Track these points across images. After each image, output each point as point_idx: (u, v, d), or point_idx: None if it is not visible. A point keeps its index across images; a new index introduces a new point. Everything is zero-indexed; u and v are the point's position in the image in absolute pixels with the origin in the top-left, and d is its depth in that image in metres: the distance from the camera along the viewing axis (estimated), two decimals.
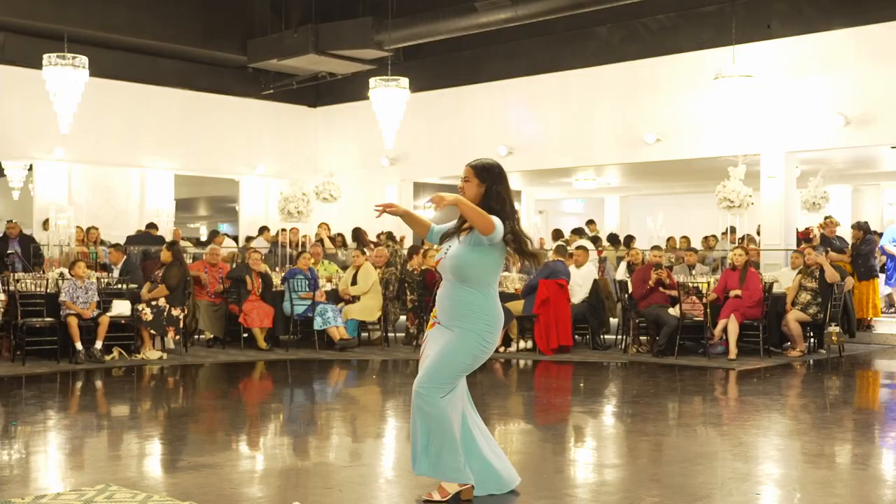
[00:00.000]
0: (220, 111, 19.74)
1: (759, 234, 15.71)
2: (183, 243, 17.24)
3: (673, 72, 16.18)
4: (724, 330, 11.74)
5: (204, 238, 25.76)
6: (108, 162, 18.40)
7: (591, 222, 19.86)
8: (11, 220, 15.23)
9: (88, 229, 15.87)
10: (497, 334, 4.81)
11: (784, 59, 15.15)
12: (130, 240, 15.29)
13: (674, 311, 11.90)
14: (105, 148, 18.16)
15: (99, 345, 10.96)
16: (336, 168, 19.58)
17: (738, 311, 11.66)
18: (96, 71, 17.41)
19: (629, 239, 17.41)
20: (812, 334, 12.49)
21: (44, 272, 12.04)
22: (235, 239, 20.43)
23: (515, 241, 4.72)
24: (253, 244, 17.67)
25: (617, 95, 16.85)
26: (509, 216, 4.73)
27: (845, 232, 15.92)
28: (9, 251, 13.91)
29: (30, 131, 16.87)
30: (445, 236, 4.89)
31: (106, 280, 12.11)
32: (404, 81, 15.92)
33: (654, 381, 10.12)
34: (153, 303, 11.52)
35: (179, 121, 19.16)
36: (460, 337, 4.70)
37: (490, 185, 4.76)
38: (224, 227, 29.51)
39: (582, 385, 10.19)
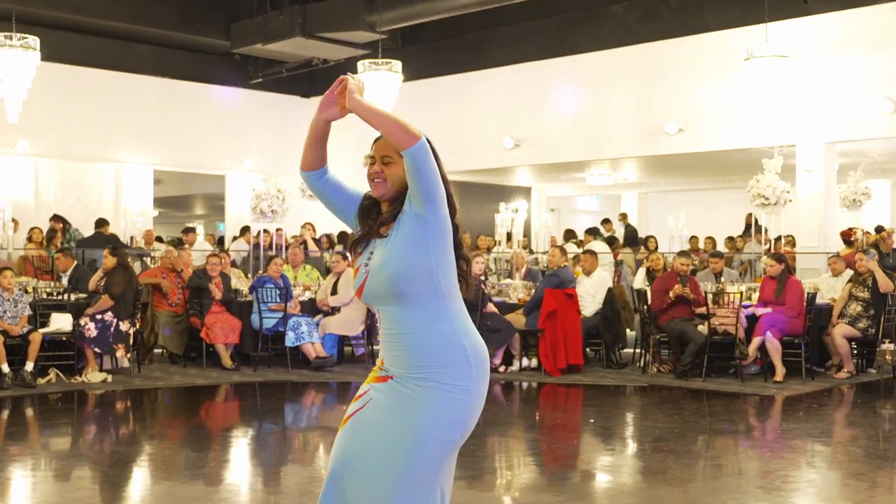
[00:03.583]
0: (203, 101, 18.20)
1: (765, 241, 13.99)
2: (160, 245, 15.71)
3: (697, 54, 14.53)
4: (759, 349, 10.12)
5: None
6: (78, 156, 16.88)
7: (606, 221, 18.22)
8: None
9: (51, 231, 14.35)
10: (483, 371, 3.02)
11: (823, 37, 13.49)
12: (81, 243, 13.75)
13: (702, 327, 10.26)
14: (75, 141, 16.66)
15: (30, 366, 9.41)
16: (330, 162, 18.04)
17: (774, 327, 10.01)
18: (64, 57, 15.99)
19: (648, 239, 15.76)
20: (861, 351, 10.83)
21: None
22: (221, 240, 18.96)
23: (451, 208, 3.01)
24: (233, 246, 16.17)
25: (635, 81, 15.22)
26: (454, 207, 3.03)
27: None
28: None
29: None
30: (357, 244, 3.12)
31: (48, 290, 10.60)
32: (397, 65, 14.32)
33: (678, 413, 8.48)
34: (98, 316, 9.97)
35: (158, 112, 17.63)
36: (429, 398, 2.92)
37: None
38: (223, 227, 28.06)
39: (592, 420, 8.55)
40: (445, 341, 2.93)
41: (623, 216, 18.66)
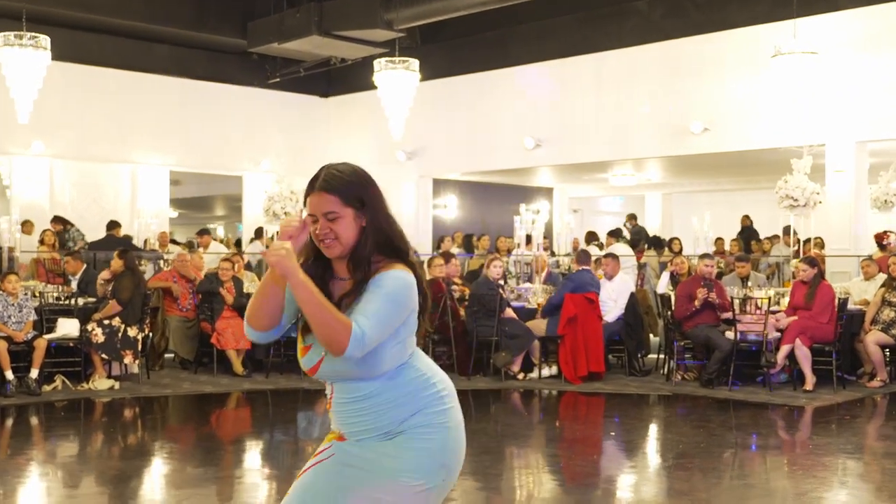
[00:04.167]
0: (220, 101, 17.97)
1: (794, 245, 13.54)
2: (174, 247, 15.46)
3: (723, 50, 14.12)
4: (788, 357, 9.73)
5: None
6: (94, 157, 16.66)
7: (632, 217, 17.81)
8: None
9: (63, 233, 14.15)
10: (456, 401, 2.73)
11: (853, 33, 13.05)
12: (93, 246, 13.53)
13: (729, 333, 9.87)
14: (91, 142, 16.46)
15: (34, 373, 9.16)
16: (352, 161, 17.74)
17: (804, 334, 9.62)
18: (79, 57, 15.82)
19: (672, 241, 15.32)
20: (895, 358, 10.41)
21: None
22: (238, 242, 18.72)
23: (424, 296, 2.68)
24: (249, 248, 15.92)
25: (659, 79, 14.82)
26: (408, 249, 2.68)
27: None
28: None
29: (3, 123, 15.05)
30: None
31: (56, 294, 10.36)
32: (414, 64, 14.00)
33: (704, 426, 8.11)
34: (105, 322, 9.72)
35: (175, 112, 17.40)
36: (403, 445, 2.60)
37: (374, 206, 2.64)
38: (242, 228, 27.86)
39: (613, 433, 8.21)
40: (414, 389, 2.64)
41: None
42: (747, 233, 16.42)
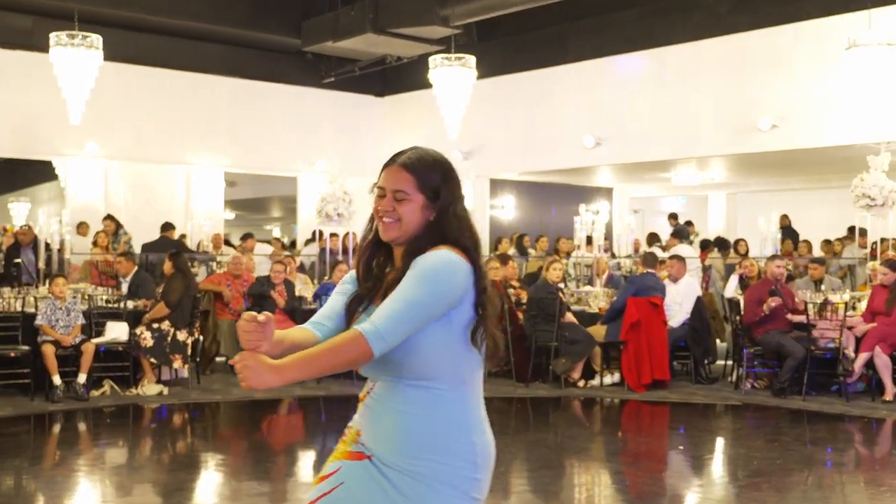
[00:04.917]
0: (274, 101, 17.76)
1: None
2: (228, 249, 15.29)
3: (794, 43, 13.51)
4: (865, 365, 9.18)
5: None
6: (148, 158, 16.55)
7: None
8: (26, 225, 13.50)
9: (119, 230, 14.04)
10: (489, 477, 2.40)
11: None
12: (146, 247, 13.38)
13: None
14: (145, 143, 16.33)
15: (82, 378, 8.96)
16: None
17: (884, 342, 9.06)
18: (134, 57, 15.72)
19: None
20: None
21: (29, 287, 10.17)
22: (293, 244, 18.53)
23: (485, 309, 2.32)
24: (305, 250, 15.70)
25: (725, 74, 14.25)
26: (478, 254, 2.37)
27: None
28: (15, 260, 12.15)
29: (59, 124, 14.95)
30: (355, 302, 2.43)
31: (105, 297, 10.18)
32: (471, 60, 13.63)
33: (777, 439, 7.63)
34: (154, 325, 9.50)
35: (229, 112, 17.25)
36: (423, 500, 2.29)
37: (449, 203, 2.40)
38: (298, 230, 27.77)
39: (680, 446, 7.76)
40: (455, 432, 2.33)
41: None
42: (786, 233, 15.67)
